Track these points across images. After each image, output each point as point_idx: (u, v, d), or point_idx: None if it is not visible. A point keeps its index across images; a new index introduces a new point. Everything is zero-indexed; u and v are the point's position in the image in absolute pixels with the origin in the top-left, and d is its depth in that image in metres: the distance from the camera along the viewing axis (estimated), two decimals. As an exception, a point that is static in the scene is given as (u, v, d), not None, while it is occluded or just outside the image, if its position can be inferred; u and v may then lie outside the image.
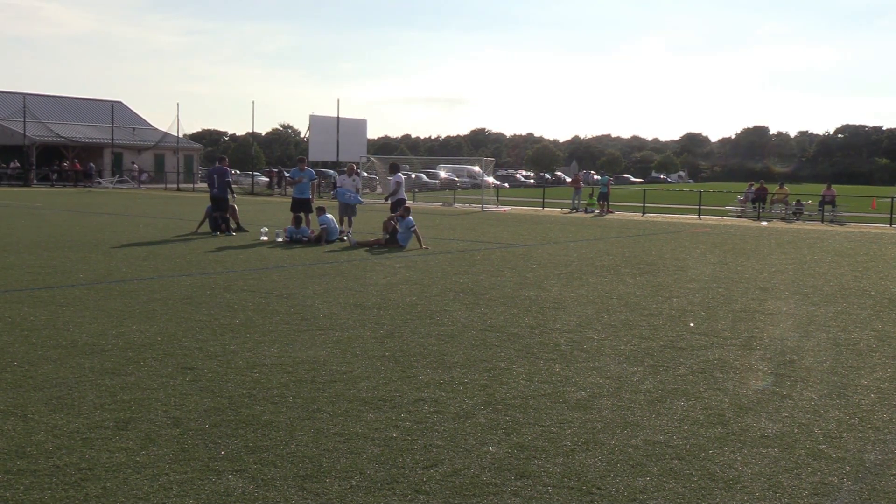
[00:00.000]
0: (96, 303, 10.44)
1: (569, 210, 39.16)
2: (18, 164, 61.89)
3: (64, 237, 19.19)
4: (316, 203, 21.09)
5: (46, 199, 39.36)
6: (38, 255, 15.30)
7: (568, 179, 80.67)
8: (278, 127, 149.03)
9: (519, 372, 7.46)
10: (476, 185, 55.42)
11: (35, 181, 59.99)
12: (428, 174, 67.17)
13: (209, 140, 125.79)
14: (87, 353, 7.76)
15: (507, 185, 72.11)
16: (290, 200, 21.43)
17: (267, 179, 62.94)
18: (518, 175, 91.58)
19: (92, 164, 64.72)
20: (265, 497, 4.59)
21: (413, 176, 62.07)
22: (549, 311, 10.61)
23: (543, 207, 40.62)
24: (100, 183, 61.65)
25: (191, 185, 61.06)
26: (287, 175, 41.06)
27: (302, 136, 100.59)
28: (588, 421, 6.07)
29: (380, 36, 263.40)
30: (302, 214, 20.42)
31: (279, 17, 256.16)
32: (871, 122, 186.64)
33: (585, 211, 38.40)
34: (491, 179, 56.13)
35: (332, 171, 59.62)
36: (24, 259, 14.70)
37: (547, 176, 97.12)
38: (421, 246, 18.57)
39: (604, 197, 38.15)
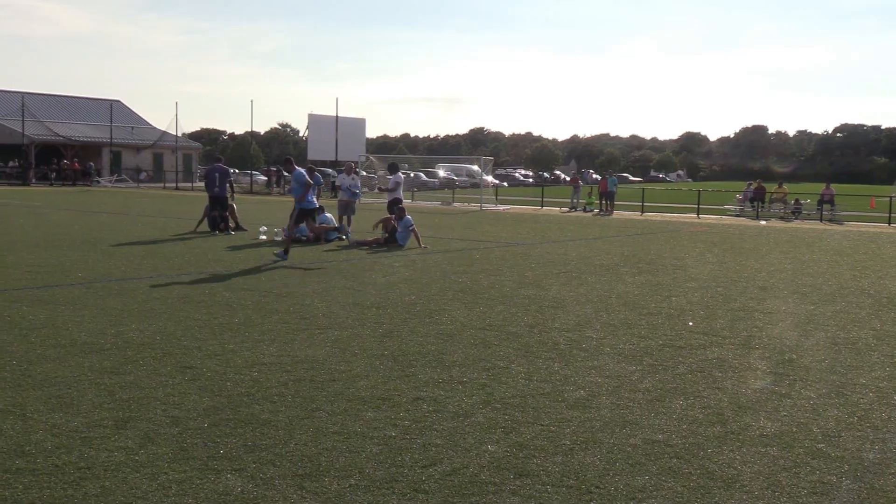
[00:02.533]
0: (95, 302, 10.43)
1: (567, 209, 39.18)
2: (17, 164, 61.87)
3: (63, 236, 19.18)
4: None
5: (45, 198, 39.33)
6: (37, 254, 15.29)
7: (567, 178, 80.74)
8: (277, 126, 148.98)
9: (518, 371, 7.46)
10: (475, 185, 55.44)
11: (34, 180, 59.93)
12: (427, 173, 67.20)
13: (208, 139, 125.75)
14: (85, 351, 7.75)
15: (505, 184, 72.13)
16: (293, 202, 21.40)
17: (265, 178, 62.95)
18: (517, 174, 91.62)
19: (91, 163, 64.72)
20: (264, 496, 4.59)
21: (412, 175, 62.10)
22: (547, 310, 10.61)
23: (542, 206, 40.65)
24: (98, 182, 61.62)
25: (189, 184, 61.01)
26: (286, 175, 41.02)
27: (301, 135, 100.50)
28: (587, 420, 6.07)
29: (377, 35, 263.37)
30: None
31: (276, 17, 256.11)
32: (869, 122, 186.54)
33: (584, 210, 38.43)
34: (490, 178, 56.16)
35: (331, 171, 59.55)
36: (23, 258, 14.69)
37: (546, 175, 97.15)
38: (419, 245, 18.57)
39: (610, 196, 38.16)
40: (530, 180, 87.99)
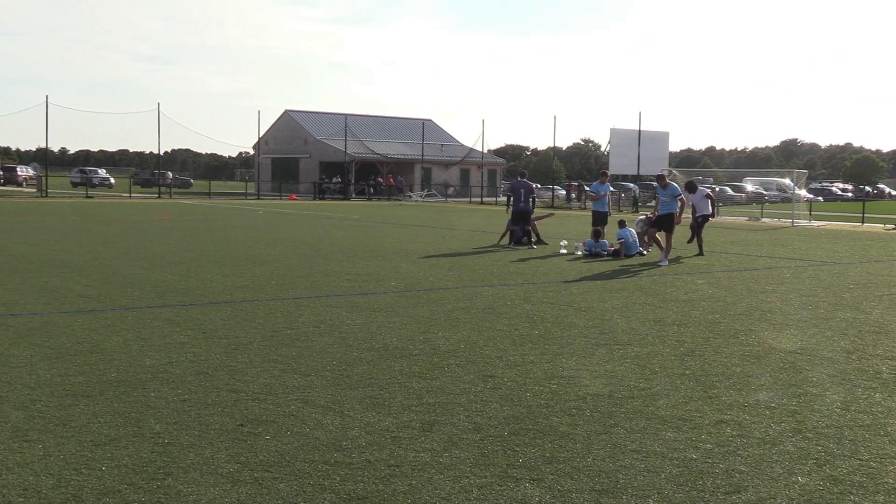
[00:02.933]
0: (405, 309, 11.05)
1: (893, 226, 35.92)
2: (340, 180, 67.36)
3: (378, 247, 20.54)
4: (617, 216, 21.00)
5: (362, 211, 42.42)
6: (356, 264, 16.49)
7: (894, 192, 74.32)
8: (579, 141, 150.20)
9: (833, 399, 6.92)
10: (786, 199, 52.45)
11: (354, 195, 64.89)
12: (733, 187, 64.57)
13: (511, 155, 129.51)
14: (396, 356, 8.23)
15: (821, 198, 67.63)
16: (591, 214, 21.49)
17: (565, 192, 63.65)
18: (834, 188, 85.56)
19: (401, 178, 68.99)
20: (561, 508, 4.60)
21: (717, 189, 60.00)
22: (868, 336, 9.76)
23: (863, 223, 37.58)
24: (410, 196, 65.43)
25: (493, 199, 63.05)
26: (587, 189, 41.29)
27: (602, 149, 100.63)
28: (914, 458, 5.50)
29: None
30: (600, 228, 20.36)
31: (577, 32, 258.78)
32: None
33: (912, 227, 35.03)
34: (803, 193, 52.87)
35: (632, 185, 59.02)
36: (344, 267, 15.90)
37: (868, 189, 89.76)
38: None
39: None
40: (849, 195, 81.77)
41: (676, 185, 19.68)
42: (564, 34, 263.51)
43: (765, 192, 61.80)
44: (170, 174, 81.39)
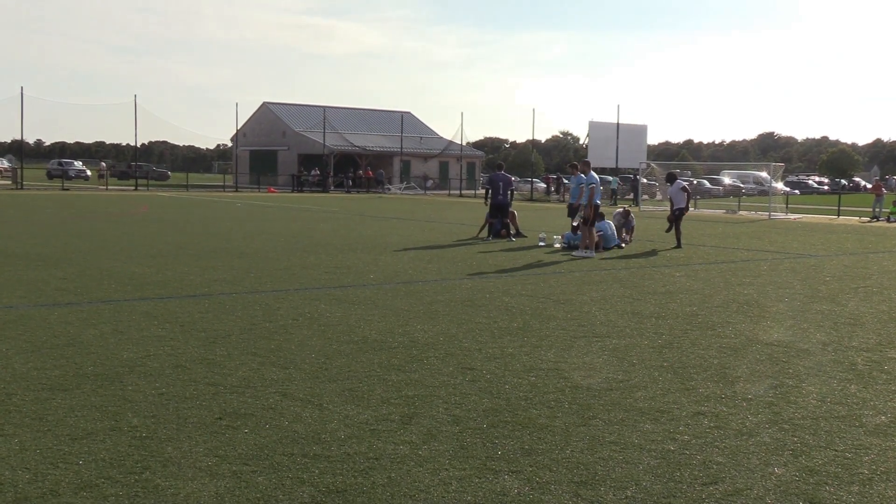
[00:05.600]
0: (384, 302, 11.03)
1: (868, 219, 36.27)
2: (318, 172, 67.13)
3: (356, 239, 20.50)
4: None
5: (341, 204, 42.30)
6: (335, 256, 16.45)
7: (868, 186, 75.10)
8: (558, 134, 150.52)
9: (809, 391, 6.99)
10: (763, 192, 52.79)
11: (332, 187, 64.67)
12: (711, 180, 64.92)
13: (490, 148, 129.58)
14: (375, 349, 8.22)
15: (797, 191, 68.11)
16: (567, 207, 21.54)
17: (544, 185, 63.75)
18: (810, 181, 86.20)
19: (381, 171, 68.87)
20: (540, 500, 4.62)
21: (695, 182, 60.32)
22: (843, 328, 9.86)
23: (839, 216, 37.91)
24: (389, 189, 65.30)
25: (472, 192, 63.05)
26: (566, 182, 41.40)
27: (581, 142, 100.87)
28: (889, 448, 5.56)
29: (656, 41, 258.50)
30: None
31: (558, 25, 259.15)
32: None
33: (888, 220, 35.38)
34: (780, 186, 53.23)
35: (611, 178, 59.23)
36: (323, 260, 15.86)
37: (843, 182, 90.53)
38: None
39: None
40: (825, 188, 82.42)
41: (594, 174, 19.16)
42: (544, 26, 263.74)
43: (742, 185, 62.21)
44: (104, 164, 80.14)
